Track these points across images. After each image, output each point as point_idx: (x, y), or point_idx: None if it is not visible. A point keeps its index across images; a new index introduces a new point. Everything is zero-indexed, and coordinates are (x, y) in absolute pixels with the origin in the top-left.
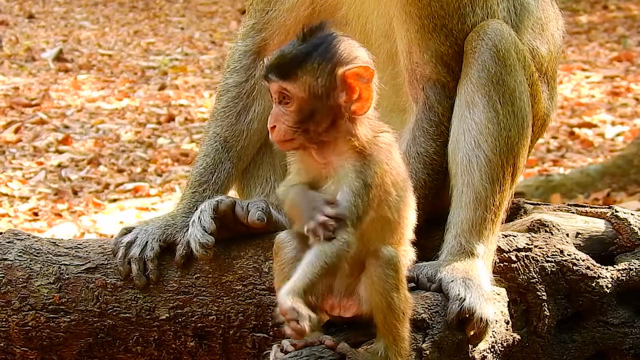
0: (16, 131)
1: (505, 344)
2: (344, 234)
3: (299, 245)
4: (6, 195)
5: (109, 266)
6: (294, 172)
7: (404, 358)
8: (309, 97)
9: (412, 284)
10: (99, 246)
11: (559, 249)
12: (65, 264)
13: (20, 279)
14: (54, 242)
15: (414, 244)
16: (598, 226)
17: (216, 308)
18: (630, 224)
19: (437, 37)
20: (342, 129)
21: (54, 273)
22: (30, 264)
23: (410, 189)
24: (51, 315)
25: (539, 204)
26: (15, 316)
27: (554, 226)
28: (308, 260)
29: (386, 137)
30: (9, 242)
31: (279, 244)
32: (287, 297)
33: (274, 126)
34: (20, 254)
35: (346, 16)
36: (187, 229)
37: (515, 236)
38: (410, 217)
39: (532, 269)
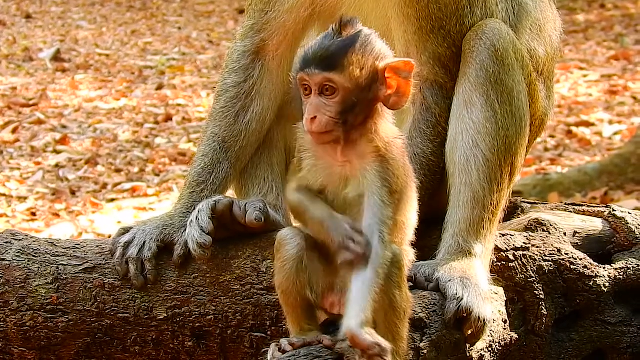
0: (14, 131)
1: (502, 343)
2: (385, 250)
3: (302, 243)
4: (4, 195)
5: (106, 266)
6: (307, 168)
7: (402, 358)
8: (354, 88)
9: (410, 284)
10: (97, 246)
11: (557, 248)
12: (63, 264)
13: (18, 279)
14: (52, 242)
15: (412, 243)
16: (595, 225)
17: (214, 308)
18: (628, 223)
19: (435, 38)
20: (369, 126)
21: (51, 273)
22: (28, 264)
23: (415, 190)
24: (49, 316)
25: (537, 203)
26: (13, 316)
27: (551, 225)
28: (364, 287)
29: (400, 139)
30: (6, 242)
31: (281, 241)
32: (362, 330)
33: (314, 117)
34: (18, 254)
35: None
36: (185, 229)
37: (512, 235)
38: (413, 218)
39: (529, 268)
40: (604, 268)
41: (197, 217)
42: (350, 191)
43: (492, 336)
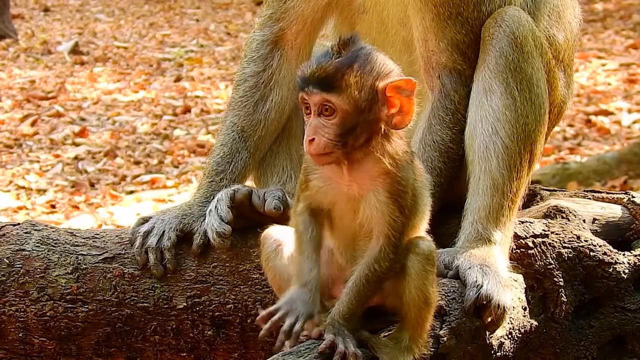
0: (33, 124)
1: (522, 330)
2: (381, 259)
3: (279, 240)
4: (23, 187)
5: (126, 256)
6: (315, 190)
7: (424, 348)
8: (353, 109)
9: None
10: (116, 236)
11: (576, 235)
12: (82, 254)
13: (38, 269)
14: (72, 233)
15: (431, 231)
16: (614, 212)
17: (234, 297)
18: None
19: (453, 25)
20: (374, 145)
21: (71, 263)
22: (48, 254)
23: (428, 186)
24: (69, 305)
25: (556, 190)
26: (34, 306)
27: (570, 212)
28: (350, 281)
29: (407, 149)
30: (26, 233)
31: (262, 239)
32: (332, 330)
33: (313, 139)
34: (38, 244)
35: (364, 4)
36: (204, 218)
37: (532, 222)
38: (427, 212)
39: (549, 255)
40: (624, 255)
41: (216, 206)
42: (362, 220)
43: (511, 323)
